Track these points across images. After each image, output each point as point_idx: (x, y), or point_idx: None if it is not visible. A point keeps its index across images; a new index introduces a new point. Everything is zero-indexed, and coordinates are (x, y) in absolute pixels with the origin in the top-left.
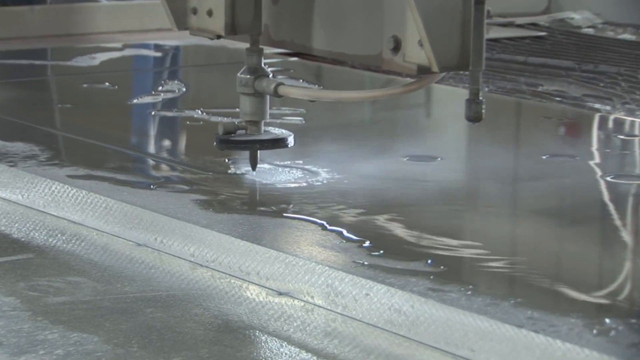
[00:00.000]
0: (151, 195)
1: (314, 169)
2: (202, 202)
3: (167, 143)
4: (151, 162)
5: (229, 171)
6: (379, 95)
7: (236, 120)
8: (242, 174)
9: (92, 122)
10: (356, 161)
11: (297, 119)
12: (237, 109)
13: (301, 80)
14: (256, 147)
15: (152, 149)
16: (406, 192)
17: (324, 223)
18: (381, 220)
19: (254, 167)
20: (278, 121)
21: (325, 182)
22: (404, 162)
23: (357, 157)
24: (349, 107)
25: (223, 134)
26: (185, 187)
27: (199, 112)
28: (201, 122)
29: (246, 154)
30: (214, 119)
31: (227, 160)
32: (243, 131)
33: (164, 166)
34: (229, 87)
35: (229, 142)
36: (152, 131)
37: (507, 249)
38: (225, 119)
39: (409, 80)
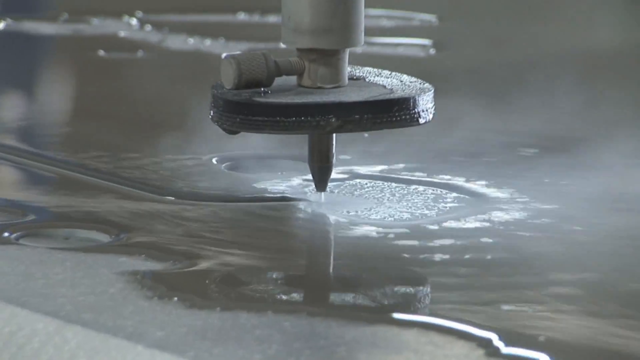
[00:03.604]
0: (6, 258)
1: (477, 187)
2: (159, 278)
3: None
4: None
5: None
6: None
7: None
8: (282, 198)
9: None
10: (590, 172)
11: (417, 42)
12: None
13: None
14: (331, 123)
15: None
16: None
17: (493, 338)
18: None
19: (321, 184)
20: (359, 51)
21: (502, 227)
22: None
23: (588, 162)
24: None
25: (236, 86)
26: (104, 239)
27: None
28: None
29: (300, 141)
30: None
31: (215, 162)
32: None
33: (32, 175)
34: None
35: (259, 108)
36: None
37: None
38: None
39: None
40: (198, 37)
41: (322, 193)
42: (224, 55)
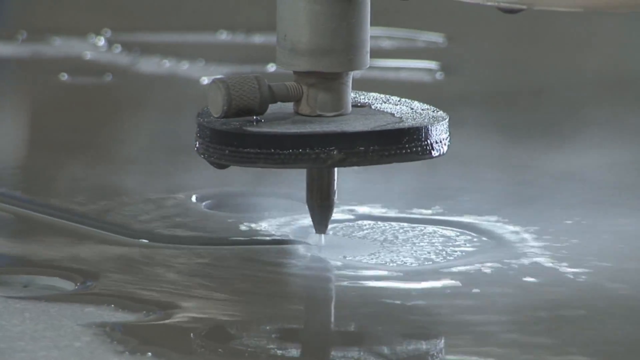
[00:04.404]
0: None
1: (492, 228)
2: (131, 330)
3: None
4: None
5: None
6: None
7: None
8: (275, 241)
9: None
10: (619, 210)
11: (421, 65)
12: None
13: None
14: (332, 156)
15: None
16: None
17: None
18: None
19: (321, 225)
20: (357, 75)
21: (520, 274)
22: None
23: (616, 199)
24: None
25: (225, 114)
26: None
27: None
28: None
29: (295, 176)
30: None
31: (195, 200)
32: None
33: None
34: None
35: (251, 138)
36: None
37: None
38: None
39: None
40: (174, 59)
41: (322, 235)
42: (211, 79)
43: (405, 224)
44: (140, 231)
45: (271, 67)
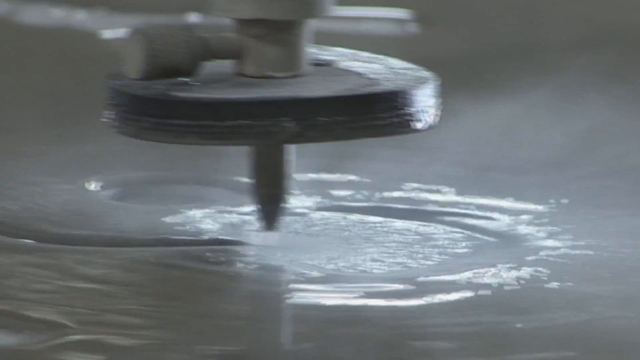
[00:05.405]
0: None
1: (482, 222)
2: (15, 356)
3: None
4: None
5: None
6: None
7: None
8: (208, 242)
9: None
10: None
11: (391, 14)
12: None
13: None
14: (285, 129)
15: None
16: None
17: None
18: None
19: (269, 220)
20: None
21: (511, 285)
22: None
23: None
24: None
25: (146, 74)
26: None
27: None
28: None
29: (236, 155)
30: None
31: (95, 188)
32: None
33: None
34: None
35: (179, 107)
36: None
37: None
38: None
39: None
40: (66, 8)
41: (271, 234)
42: (127, 30)
43: (370, 217)
44: (26, 229)
45: (193, 18)
